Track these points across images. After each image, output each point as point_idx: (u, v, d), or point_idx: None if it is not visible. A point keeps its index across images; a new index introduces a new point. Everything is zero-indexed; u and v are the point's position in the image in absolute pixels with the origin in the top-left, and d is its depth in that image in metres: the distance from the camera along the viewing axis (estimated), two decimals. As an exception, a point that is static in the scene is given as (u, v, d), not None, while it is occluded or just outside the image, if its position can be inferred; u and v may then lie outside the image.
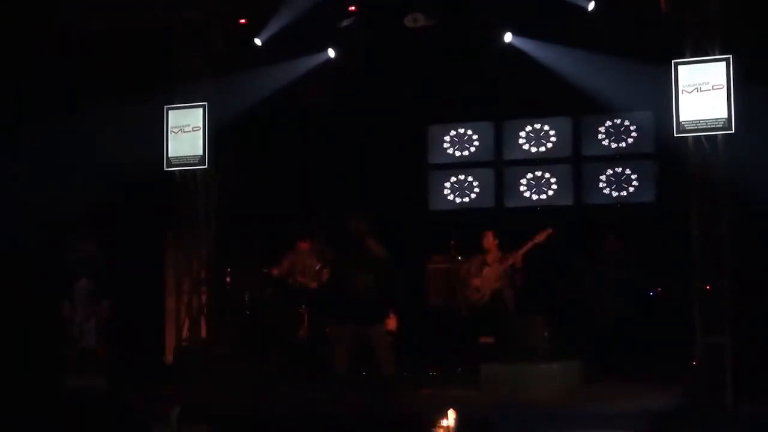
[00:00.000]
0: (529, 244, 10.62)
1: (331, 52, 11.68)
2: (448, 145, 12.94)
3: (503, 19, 11.05)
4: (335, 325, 9.83)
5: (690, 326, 9.11)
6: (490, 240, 10.96)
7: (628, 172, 12.14)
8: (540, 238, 10.53)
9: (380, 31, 11.34)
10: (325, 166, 12.51)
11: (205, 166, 10.88)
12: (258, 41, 11.23)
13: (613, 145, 12.26)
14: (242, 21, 11.26)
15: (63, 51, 11.23)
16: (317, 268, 11.11)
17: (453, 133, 12.92)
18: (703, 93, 9.05)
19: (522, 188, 12.59)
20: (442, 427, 7.06)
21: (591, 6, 10.42)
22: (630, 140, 12.20)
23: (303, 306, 11.31)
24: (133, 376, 10.26)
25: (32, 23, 11.23)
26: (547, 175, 12.51)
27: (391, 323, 10.49)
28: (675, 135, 9.21)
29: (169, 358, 11.30)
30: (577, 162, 12.47)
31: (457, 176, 12.88)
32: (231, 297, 11.93)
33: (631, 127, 12.19)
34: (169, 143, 10.92)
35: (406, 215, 12.38)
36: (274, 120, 12.12)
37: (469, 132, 12.88)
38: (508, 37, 11.23)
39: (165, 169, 10.93)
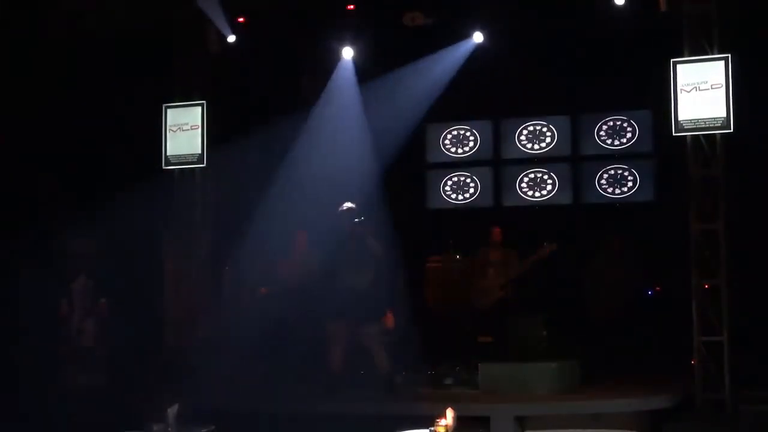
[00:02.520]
0: (533, 258, 10.75)
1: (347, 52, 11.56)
2: (448, 143, 12.93)
3: (502, 18, 11.03)
4: (332, 323, 9.81)
5: (688, 325, 9.11)
6: (496, 236, 11.02)
7: (626, 171, 12.12)
8: (543, 254, 10.66)
9: (378, 30, 11.31)
10: (323, 162, 12.47)
11: (204, 165, 10.88)
12: (232, 38, 11.11)
13: (612, 144, 12.25)
14: (240, 19, 11.24)
15: (62, 49, 11.22)
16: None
17: (452, 131, 12.91)
18: (701, 92, 9.04)
19: (520, 187, 12.59)
20: (440, 425, 7.05)
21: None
22: (628, 139, 12.19)
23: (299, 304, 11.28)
24: (131, 374, 10.25)
25: (29, 21, 11.21)
26: (546, 174, 12.49)
27: (389, 321, 10.48)
28: (674, 134, 9.20)
29: (167, 356, 11.28)
30: (575, 161, 12.46)
31: (455, 175, 12.87)
32: (230, 295, 11.90)
33: (630, 127, 12.17)
34: (168, 142, 10.92)
35: (405, 214, 12.35)
36: (272, 116, 12.08)
37: (468, 131, 12.87)
38: (478, 37, 11.13)
39: (163, 167, 10.93)
